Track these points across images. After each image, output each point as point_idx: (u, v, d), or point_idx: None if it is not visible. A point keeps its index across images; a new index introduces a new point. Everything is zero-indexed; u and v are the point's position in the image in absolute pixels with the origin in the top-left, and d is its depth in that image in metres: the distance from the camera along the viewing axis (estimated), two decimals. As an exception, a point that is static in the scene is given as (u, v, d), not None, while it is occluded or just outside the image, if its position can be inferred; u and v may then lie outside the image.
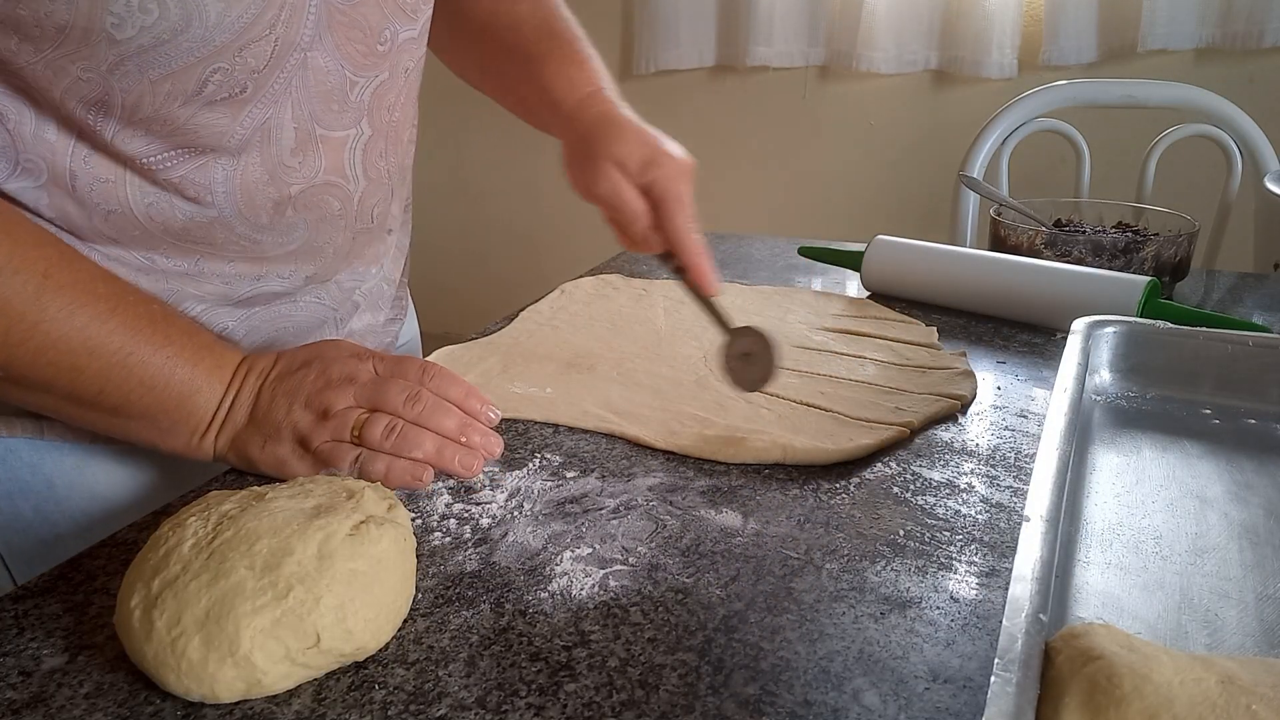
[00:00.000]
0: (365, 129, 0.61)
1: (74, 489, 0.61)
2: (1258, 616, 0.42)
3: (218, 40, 0.49)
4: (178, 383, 0.53)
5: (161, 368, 0.53)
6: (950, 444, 0.61)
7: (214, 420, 0.55)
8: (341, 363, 0.55)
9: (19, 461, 0.60)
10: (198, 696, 0.39)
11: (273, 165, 0.57)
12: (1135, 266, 0.88)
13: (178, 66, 0.49)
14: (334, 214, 0.63)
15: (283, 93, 0.54)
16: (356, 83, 0.58)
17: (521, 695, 0.39)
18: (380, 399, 0.54)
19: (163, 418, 0.54)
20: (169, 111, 0.51)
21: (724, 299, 0.89)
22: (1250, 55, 1.98)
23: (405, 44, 0.61)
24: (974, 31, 2.13)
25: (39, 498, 0.61)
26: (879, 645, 0.42)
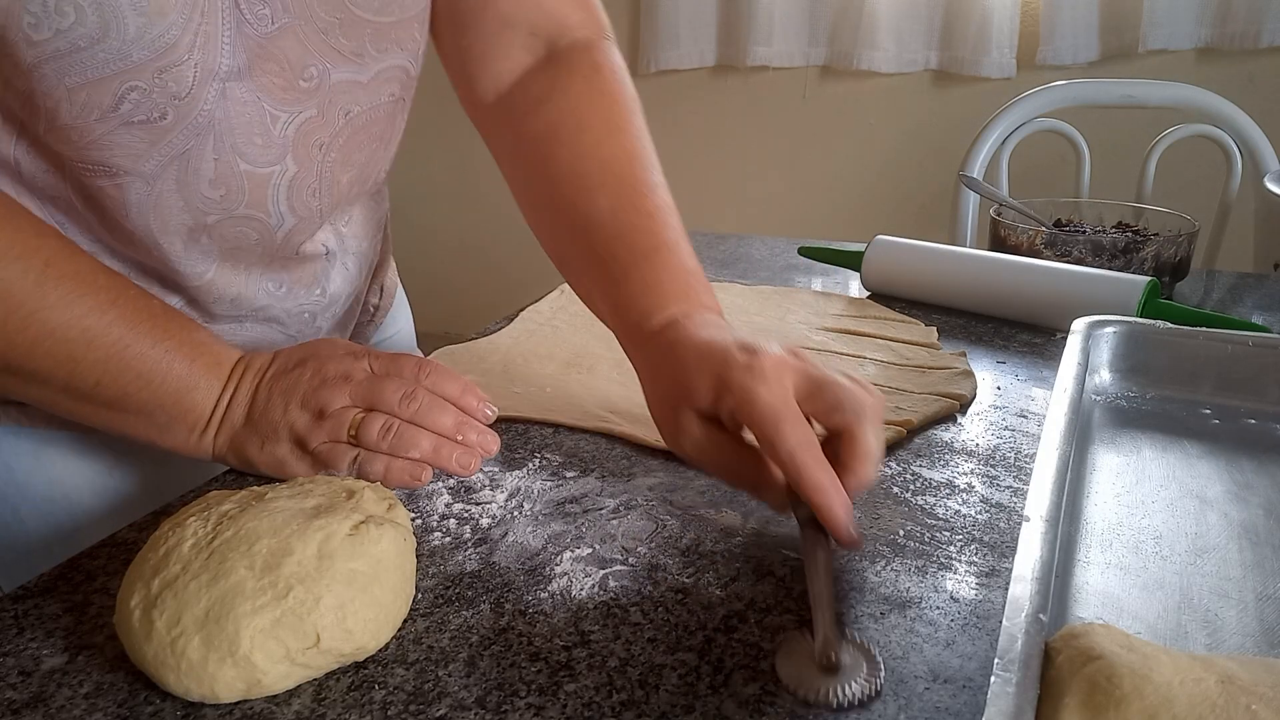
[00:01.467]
0: (290, 165, 0.58)
1: (33, 474, 0.61)
2: (1258, 616, 0.42)
3: (135, 56, 0.48)
4: (174, 378, 0.53)
5: (158, 362, 0.52)
6: (950, 444, 0.61)
7: (212, 418, 0.54)
8: (337, 360, 0.55)
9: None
10: (198, 696, 0.39)
11: (189, 194, 0.55)
12: (1135, 266, 0.88)
13: (94, 77, 0.48)
14: (250, 244, 0.60)
15: (205, 125, 0.53)
16: (278, 117, 0.56)
17: (521, 695, 0.39)
18: (376, 398, 0.53)
19: (160, 414, 0.53)
20: (85, 124, 0.50)
21: (724, 299, 0.89)
22: (1250, 55, 1.98)
23: (341, 85, 0.58)
24: (974, 31, 2.13)
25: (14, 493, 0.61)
26: (879, 645, 0.42)
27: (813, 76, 2.37)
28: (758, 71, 2.39)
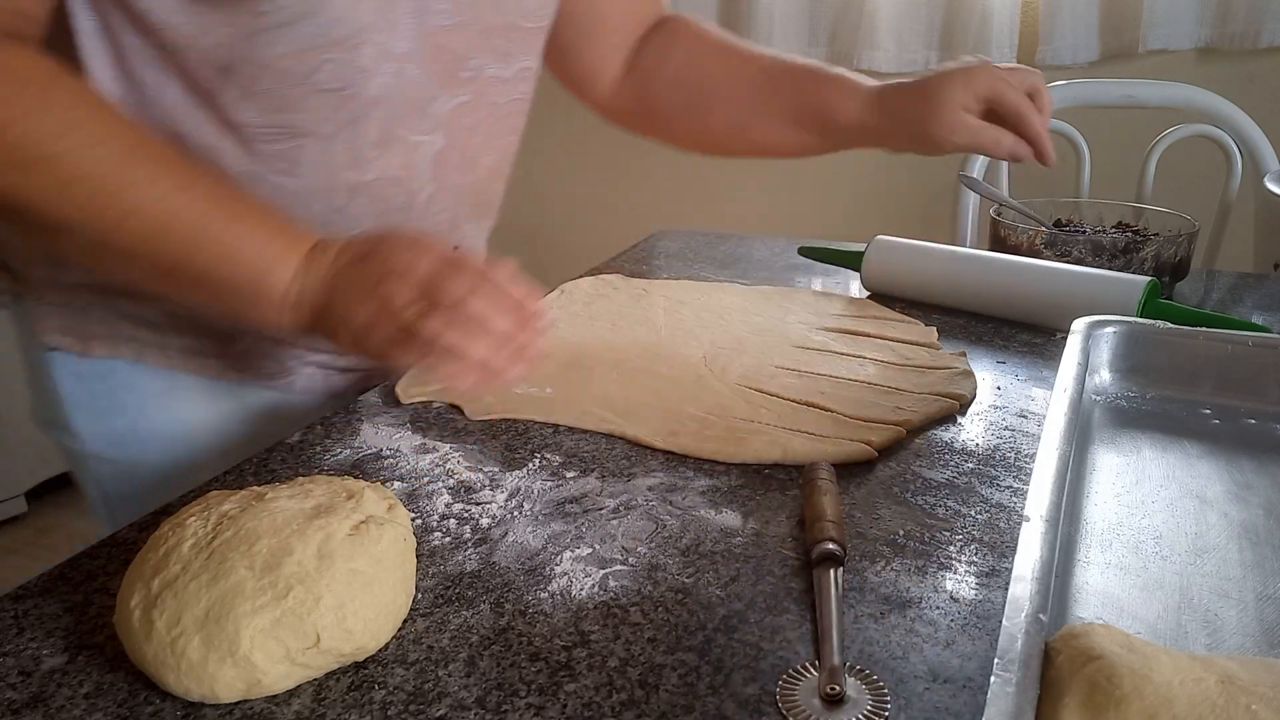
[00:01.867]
0: (440, 139, 0.67)
1: (161, 410, 0.68)
2: (1258, 616, 0.42)
3: (334, 33, 0.58)
4: (253, 255, 0.56)
5: (238, 238, 0.55)
6: (950, 444, 0.61)
7: (289, 297, 0.56)
8: (404, 253, 0.56)
9: (117, 381, 0.68)
10: (198, 696, 0.39)
11: (355, 152, 0.64)
12: (1135, 266, 0.88)
13: (299, 48, 0.57)
14: (396, 208, 0.67)
15: (378, 97, 0.62)
16: (437, 97, 0.66)
17: (521, 695, 0.39)
18: (438, 293, 0.53)
19: (244, 290, 0.56)
20: (282, 90, 0.59)
21: (724, 298, 0.90)
22: (1250, 55, 1.98)
23: (491, 79, 0.69)
24: (974, 31, 2.13)
25: (132, 414, 0.68)
26: (879, 645, 0.42)
27: (813, 76, 2.37)
28: (758, 71, 2.38)
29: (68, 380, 0.68)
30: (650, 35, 0.87)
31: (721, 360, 0.74)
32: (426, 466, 0.59)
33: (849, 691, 0.39)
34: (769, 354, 0.75)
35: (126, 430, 0.69)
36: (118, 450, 0.69)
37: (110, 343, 0.67)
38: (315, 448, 0.62)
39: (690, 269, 1.04)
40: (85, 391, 0.68)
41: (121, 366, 0.67)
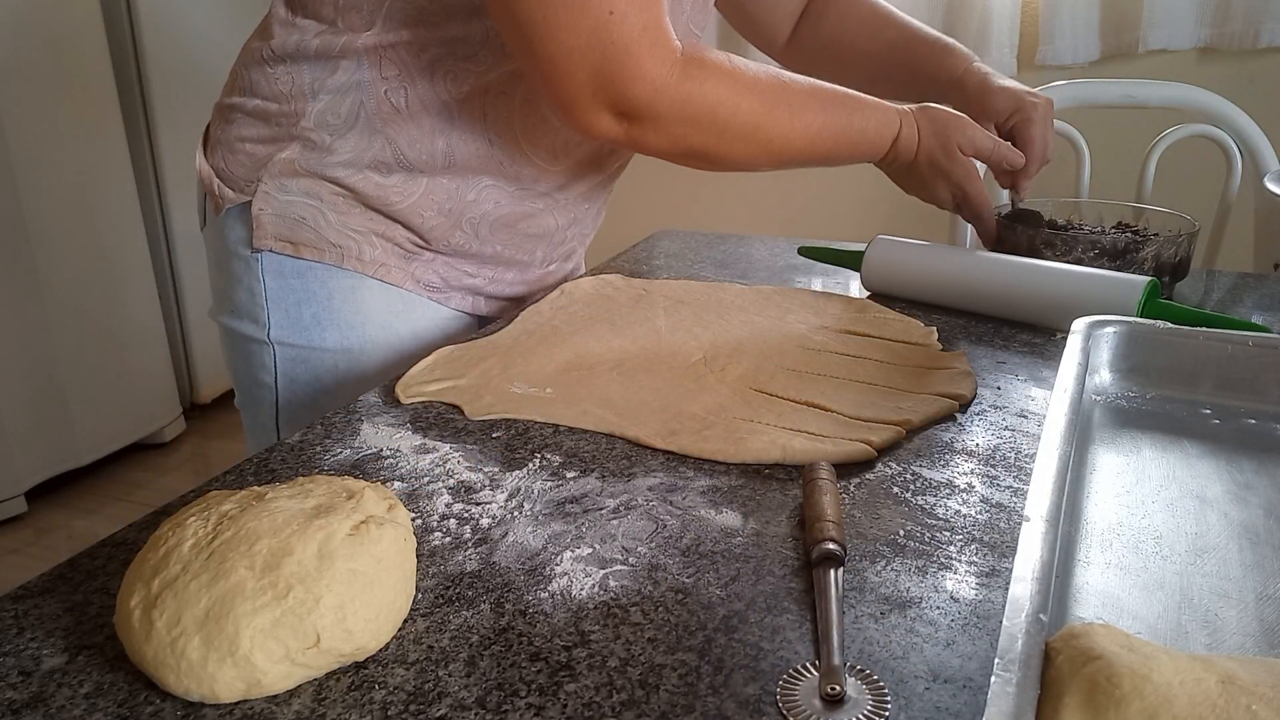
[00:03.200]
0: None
1: (344, 302, 0.84)
2: (1258, 616, 0.42)
3: None
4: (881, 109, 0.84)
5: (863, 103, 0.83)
6: (950, 444, 0.61)
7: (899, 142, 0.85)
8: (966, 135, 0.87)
9: (314, 278, 0.83)
10: (197, 696, 0.39)
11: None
12: (1135, 266, 0.88)
13: None
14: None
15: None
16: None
17: (521, 695, 0.39)
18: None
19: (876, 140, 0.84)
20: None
21: (725, 298, 0.90)
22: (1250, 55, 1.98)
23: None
24: (974, 31, 2.13)
25: (319, 305, 0.84)
26: (879, 645, 0.42)
27: (813, 76, 2.37)
28: (758, 71, 2.38)
29: (271, 277, 0.83)
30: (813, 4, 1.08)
31: (721, 360, 0.74)
32: (426, 466, 0.59)
33: (849, 691, 0.39)
34: (769, 354, 0.75)
35: (311, 319, 0.84)
36: (298, 336, 0.84)
37: (316, 249, 0.83)
38: (315, 448, 0.62)
39: (690, 269, 1.04)
40: (284, 287, 0.83)
41: (320, 269, 0.83)
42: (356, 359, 0.85)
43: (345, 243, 0.83)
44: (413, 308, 0.87)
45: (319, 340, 0.84)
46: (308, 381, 0.86)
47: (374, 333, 0.85)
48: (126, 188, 2.39)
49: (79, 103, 2.23)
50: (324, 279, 0.83)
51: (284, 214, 0.82)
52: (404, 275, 0.86)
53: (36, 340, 2.18)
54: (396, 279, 0.86)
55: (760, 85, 0.75)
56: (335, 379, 0.85)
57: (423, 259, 0.86)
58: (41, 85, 2.14)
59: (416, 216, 0.83)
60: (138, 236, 2.43)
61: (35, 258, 2.16)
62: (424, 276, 0.87)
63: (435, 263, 0.87)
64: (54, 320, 2.21)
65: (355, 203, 0.82)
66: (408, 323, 0.87)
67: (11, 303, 2.13)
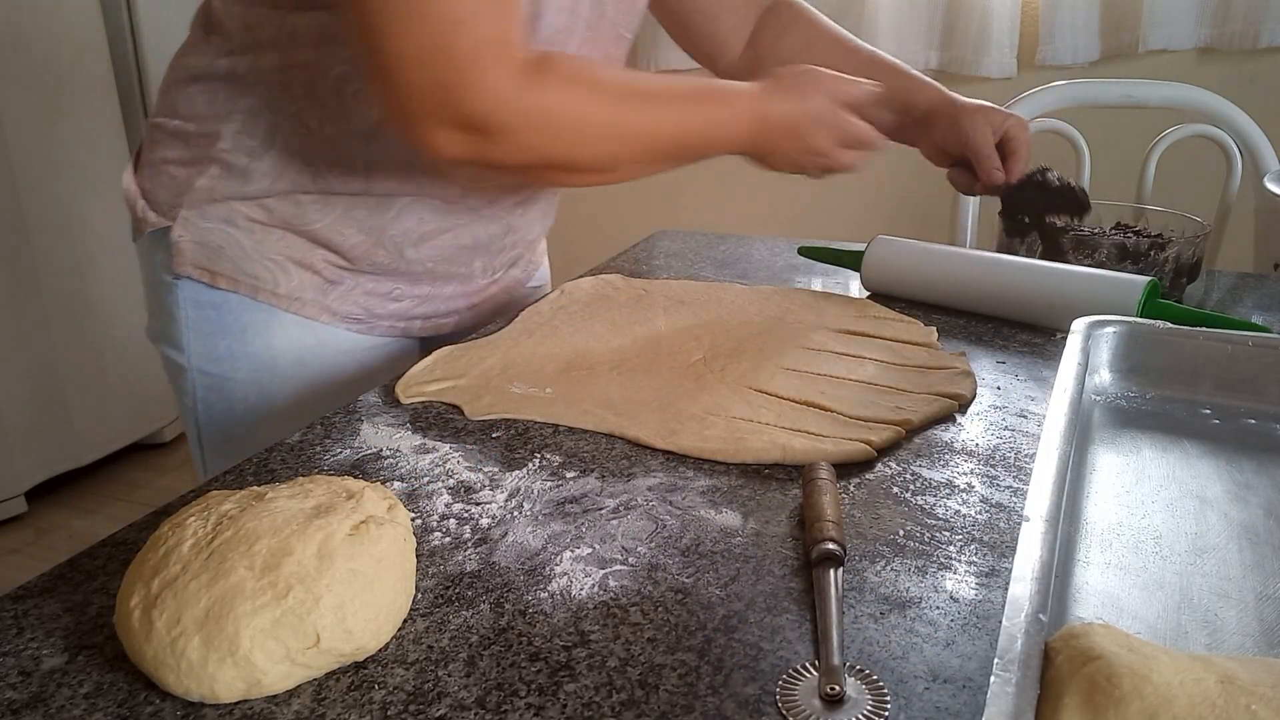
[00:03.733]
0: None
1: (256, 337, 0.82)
2: (1258, 616, 0.42)
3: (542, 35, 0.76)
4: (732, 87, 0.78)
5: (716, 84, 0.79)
6: (950, 444, 0.61)
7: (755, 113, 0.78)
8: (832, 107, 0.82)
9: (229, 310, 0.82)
10: (197, 696, 0.39)
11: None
12: (1155, 269, 0.88)
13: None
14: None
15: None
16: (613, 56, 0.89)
17: (521, 695, 0.39)
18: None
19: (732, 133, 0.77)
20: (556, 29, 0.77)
21: (725, 298, 0.90)
22: (1250, 55, 1.98)
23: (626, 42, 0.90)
24: (974, 31, 2.13)
25: (233, 338, 0.82)
26: (879, 645, 0.42)
27: (813, 76, 2.37)
28: (758, 71, 2.38)
29: (190, 305, 0.82)
30: (767, 16, 1.03)
31: (721, 360, 0.74)
32: (426, 466, 0.59)
33: (849, 691, 0.39)
34: (769, 354, 0.75)
35: (225, 350, 0.82)
36: (214, 366, 0.83)
37: (232, 280, 0.81)
38: (315, 448, 0.62)
39: (690, 269, 1.04)
40: (201, 316, 0.82)
41: (235, 299, 0.81)
42: (267, 392, 0.83)
43: (261, 273, 0.81)
44: (328, 342, 0.84)
45: (232, 372, 0.83)
46: (222, 410, 0.84)
47: (285, 369, 0.83)
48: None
49: (79, 103, 2.23)
50: (238, 312, 0.81)
51: (203, 241, 0.80)
52: (319, 309, 0.83)
53: (36, 340, 2.18)
54: (311, 313, 0.83)
55: (614, 84, 0.71)
56: (247, 410, 0.84)
57: (342, 287, 0.83)
58: (41, 85, 2.14)
59: (336, 235, 0.81)
60: (138, 237, 2.43)
61: (35, 258, 2.15)
62: (342, 308, 0.84)
63: (356, 291, 0.84)
64: (54, 320, 2.21)
65: (272, 227, 0.80)
66: (321, 358, 0.84)
67: (11, 303, 2.13)
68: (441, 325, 0.91)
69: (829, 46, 1.01)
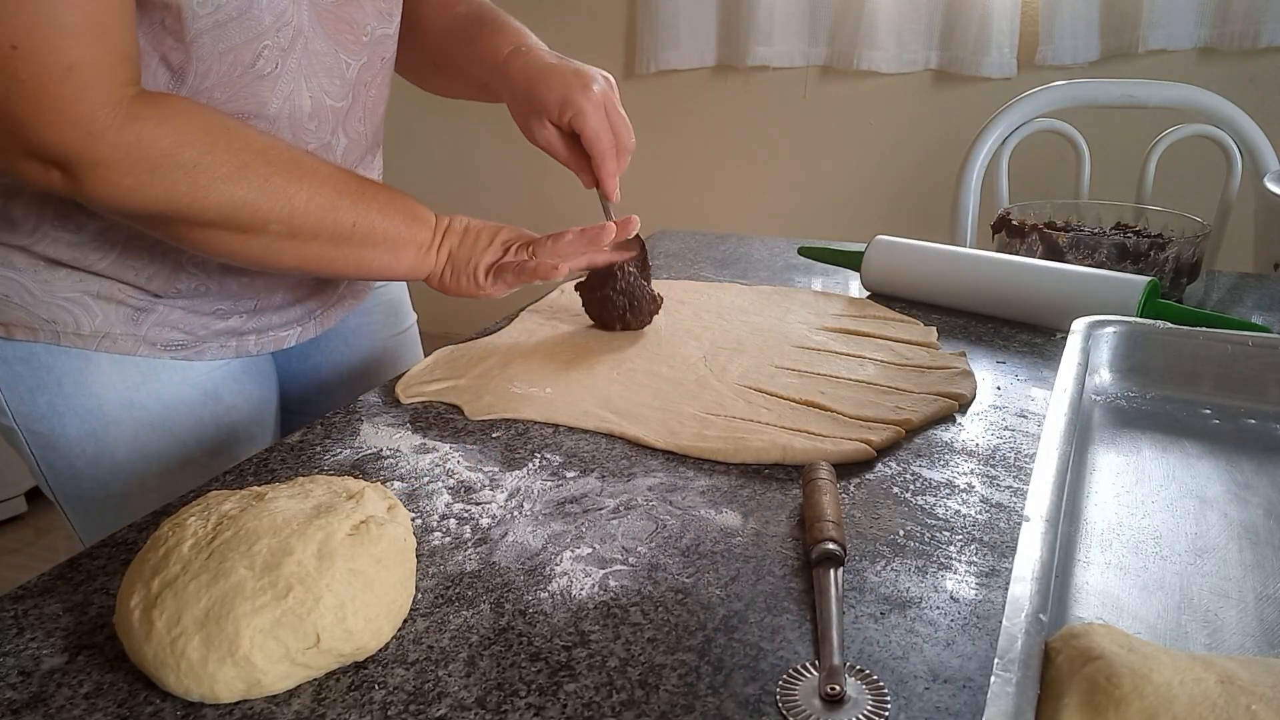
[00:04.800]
0: (350, 99, 0.76)
1: (76, 387, 0.74)
2: (1258, 616, 0.42)
3: (266, 20, 0.66)
4: (404, 209, 0.71)
5: (390, 200, 0.71)
6: (950, 444, 0.61)
7: (433, 242, 0.73)
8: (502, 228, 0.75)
9: (38, 363, 0.73)
10: (197, 696, 0.39)
11: (297, 129, 0.72)
12: (1156, 268, 0.88)
13: (240, 41, 0.65)
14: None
15: (298, 71, 0.70)
16: (349, 64, 0.75)
17: (521, 695, 0.39)
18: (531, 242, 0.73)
19: (396, 239, 0.71)
20: (231, 78, 0.66)
21: (725, 298, 0.90)
22: (1250, 55, 1.98)
23: (381, 38, 0.77)
24: (974, 31, 2.13)
25: (51, 392, 0.74)
26: (879, 645, 0.42)
27: (813, 76, 2.37)
28: (758, 71, 2.39)
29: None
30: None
31: (721, 360, 0.74)
32: (426, 466, 0.59)
33: (849, 691, 0.39)
34: (769, 354, 0.75)
35: (47, 407, 0.75)
36: (40, 425, 0.75)
37: (29, 329, 0.73)
38: (315, 448, 0.62)
39: (690, 269, 1.04)
40: (10, 374, 0.74)
41: (39, 350, 0.73)
42: (103, 442, 0.75)
43: (59, 315, 0.72)
44: (155, 374, 0.76)
45: (60, 428, 0.75)
46: (64, 470, 0.77)
47: (115, 413, 0.75)
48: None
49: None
50: (48, 363, 0.73)
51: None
52: (134, 342, 0.75)
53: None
54: (127, 347, 0.74)
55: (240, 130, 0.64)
56: (87, 464, 0.76)
57: (155, 314, 0.75)
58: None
59: (128, 271, 0.73)
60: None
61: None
62: (160, 336, 0.76)
63: (173, 315, 0.76)
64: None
65: (58, 266, 0.72)
66: (152, 393, 0.76)
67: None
68: (282, 339, 0.83)
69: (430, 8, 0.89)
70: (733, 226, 1.92)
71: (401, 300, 0.98)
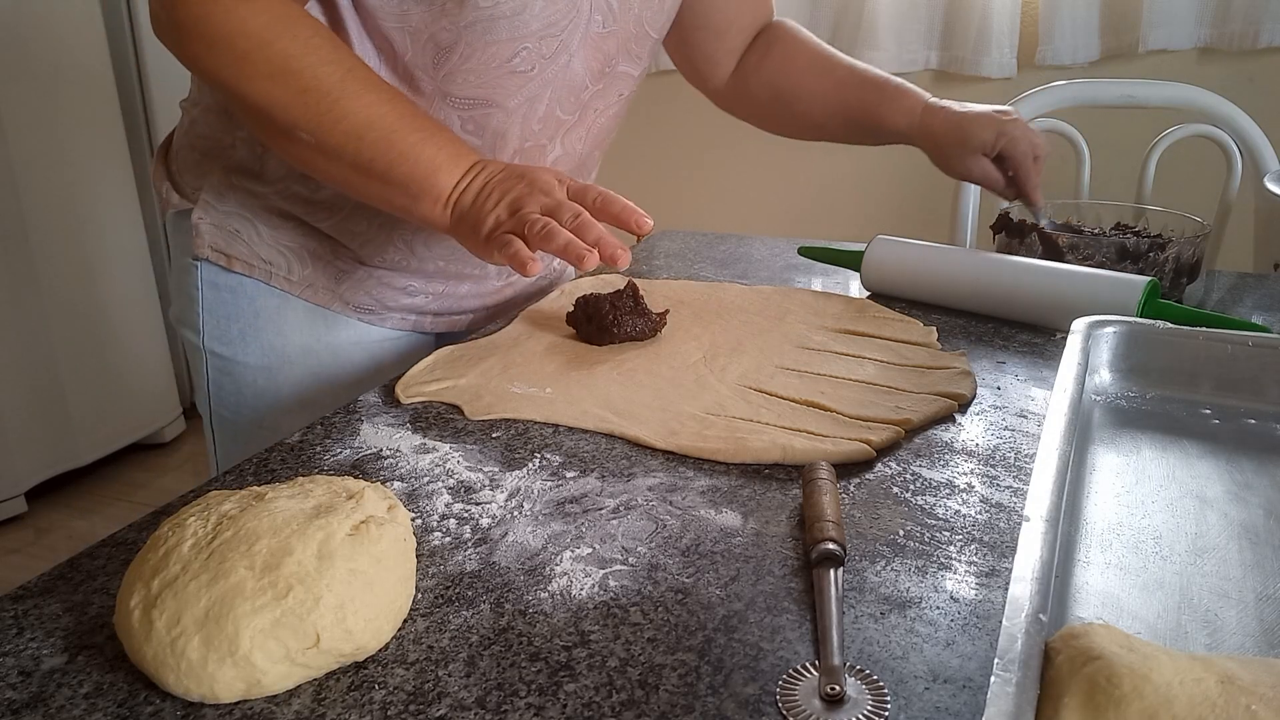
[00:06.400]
0: (578, 118, 0.84)
1: (268, 322, 0.84)
2: (1258, 616, 0.42)
3: (533, 26, 0.74)
4: (426, 159, 0.70)
5: (416, 144, 0.69)
6: (950, 444, 0.61)
7: (449, 196, 0.71)
8: (545, 180, 0.70)
9: (244, 294, 0.84)
10: (197, 696, 0.39)
11: (525, 126, 0.80)
12: (1156, 269, 0.88)
13: (507, 37, 0.73)
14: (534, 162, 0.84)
15: (550, 81, 0.78)
16: (588, 87, 0.82)
17: (521, 695, 0.39)
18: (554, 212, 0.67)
19: (413, 185, 0.70)
20: (487, 68, 0.75)
21: (725, 298, 0.90)
22: (1250, 55, 1.98)
23: (623, 75, 0.85)
24: (974, 31, 2.13)
25: (245, 321, 0.84)
26: (879, 645, 0.42)
27: (813, 76, 2.37)
28: (758, 71, 2.39)
29: (206, 287, 0.84)
30: (758, 37, 1.03)
31: (721, 360, 0.74)
32: (426, 466, 0.59)
33: (849, 691, 0.39)
34: (769, 354, 0.75)
35: (238, 334, 0.84)
36: (226, 349, 0.85)
37: (247, 264, 0.83)
38: (315, 448, 0.62)
39: (690, 269, 1.04)
40: (217, 299, 0.84)
41: (249, 284, 0.84)
42: (274, 377, 0.85)
43: (276, 259, 0.83)
44: (338, 329, 0.86)
45: (242, 355, 0.85)
46: (231, 393, 0.86)
47: (293, 354, 0.85)
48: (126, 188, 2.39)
49: (79, 103, 2.23)
50: (252, 295, 0.84)
51: (221, 225, 0.82)
52: (331, 296, 0.85)
53: (36, 340, 2.18)
54: (323, 300, 0.85)
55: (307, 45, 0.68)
56: (254, 394, 0.86)
57: (355, 277, 0.85)
58: (41, 85, 2.14)
59: (346, 234, 0.83)
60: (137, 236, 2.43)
61: (34, 257, 2.15)
62: (355, 298, 0.86)
63: (369, 282, 0.86)
64: (53, 320, 2.21)
65: (287, 217, 0.82)
66: (329, 346, 0.86)
67: (11, 302, 2.12)
68: (455, 323, 0.93)
69: (805, 64, 1.00)
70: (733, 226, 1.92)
71: None
